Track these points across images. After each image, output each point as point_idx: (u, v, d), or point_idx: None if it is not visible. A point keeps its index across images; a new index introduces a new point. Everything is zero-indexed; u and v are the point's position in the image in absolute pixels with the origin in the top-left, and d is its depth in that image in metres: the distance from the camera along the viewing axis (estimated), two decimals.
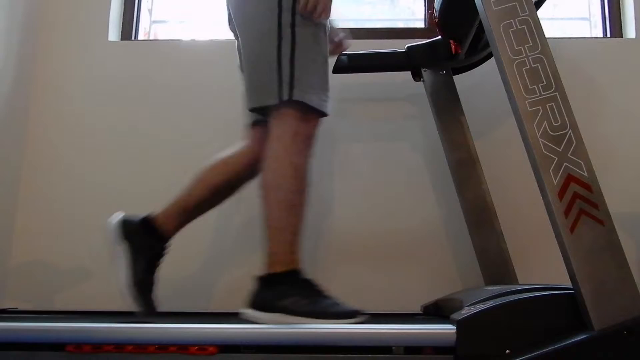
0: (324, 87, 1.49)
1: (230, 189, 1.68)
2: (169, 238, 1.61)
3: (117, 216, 1.58)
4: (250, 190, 2.16)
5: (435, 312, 1.72)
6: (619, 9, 2.39)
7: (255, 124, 1.65)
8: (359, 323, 1.35)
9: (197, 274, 2.16)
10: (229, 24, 1.67)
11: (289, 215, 1.43)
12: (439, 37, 2.01)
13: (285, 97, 1.43)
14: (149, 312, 1.51)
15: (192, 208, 1.63)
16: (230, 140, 1.75)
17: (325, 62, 1.52)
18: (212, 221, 2.20)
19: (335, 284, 2.14)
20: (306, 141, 1.47)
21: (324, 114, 1.49)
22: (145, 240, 1.56)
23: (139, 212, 2.18)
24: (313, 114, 1.47)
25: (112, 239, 1.55)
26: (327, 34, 1.55)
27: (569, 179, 1.24)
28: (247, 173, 1.65)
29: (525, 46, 1.32)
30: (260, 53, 1.49)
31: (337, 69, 2.01)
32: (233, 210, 2.21)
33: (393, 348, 1.22)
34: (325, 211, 2.18)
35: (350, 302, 1.44)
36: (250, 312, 1.40)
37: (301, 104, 1.44)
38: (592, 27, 2.49)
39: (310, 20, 1.47)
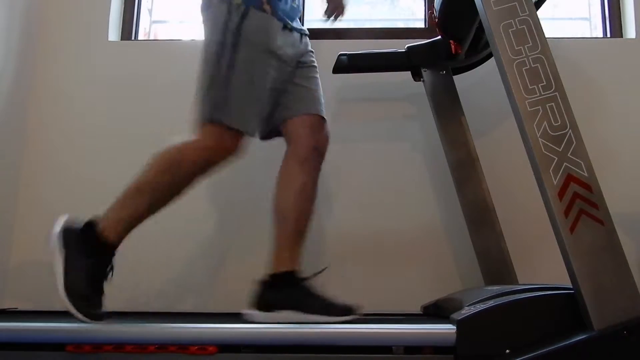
0: (251, 113, 1.51)
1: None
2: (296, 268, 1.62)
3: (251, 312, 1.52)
4: (250, 191, 2.17)
5: (435, 312, 1.72)
6: (619, 9, 2.39)
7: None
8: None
9: (197, 274, 2.16)
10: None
11: (144, 199, 1.49)
12: (439, 37, 2.01)
13: (209, 117, 1.48)
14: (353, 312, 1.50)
15: (296, 235, 1.65)
16: None
17: (261, 90, 1.53)
18: (212, 222, 2.20)
19: (335, 284, 2.14)
20: (206, 160, 1.50)
21: (245, 137, 1.52)
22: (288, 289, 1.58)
23: None
24: (235, 132, 1.50)
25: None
26: (283, 59, 1.57)
27: (569, 179, 1.24)
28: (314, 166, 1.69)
29: (525, 46, 1.32)
30: (203, 70, 1.55)
31: (337, 69, 2.02)
32: (232, 211, 2.21)
33: (393, 348, 1.22)
34: (325, 211, 2.18)
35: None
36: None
37: (219, 124, 1.48)
38: (592, 27, 2.49)
39: (254, 44, 1.50)
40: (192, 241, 2.19)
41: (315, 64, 1.73)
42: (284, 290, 1.49)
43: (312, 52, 1.74)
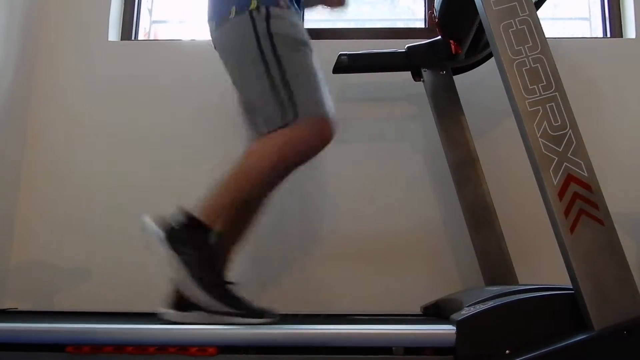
0: (321, 95, 1.50)
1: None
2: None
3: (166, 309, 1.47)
4: None
5: (435, 312, 1.72)
6: (619, 9, 2.39)
7: None
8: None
9: None
10: (217, 50, 1.66)
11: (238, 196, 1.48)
12: (439, 37, 2.01)
13: (291, 117, 1.45)
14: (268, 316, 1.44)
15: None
16: (229, 140, 1.75)
17: (316, 76, 1.51)
18: None
19: (335, 284, 2.15)
20: (303, 150, 1.49)
21: (330, 123, 1.50)
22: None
23: (139, 211, 2.19)
24: (319, 122, 1.48)
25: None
26: (311, 48, 1.56)
27: (569, 179, 1.24)
28: None
29: (525, 46, 1.32)
30: (250, 82, 1.52)
31: (337, 69, 2.02)
32: None
33: (393, 349, 1.22)
34: (325, 211, 2.18)
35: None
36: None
37: (307, 118, 1.46)
38: (592, 27, 2.49)
39: (287, 39, 1.49)
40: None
41: None
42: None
43: None
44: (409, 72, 2.09)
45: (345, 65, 2.02)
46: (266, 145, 1.48)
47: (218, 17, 1.58)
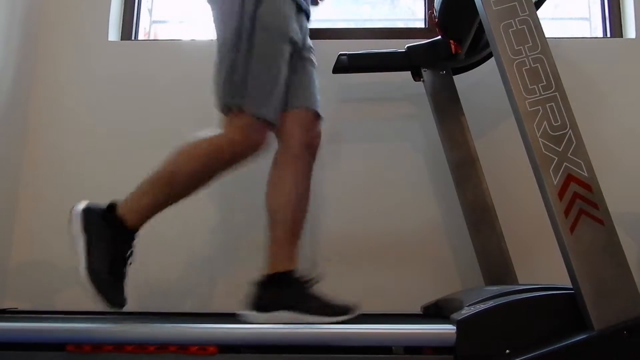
0: (273, 100, 1.49)
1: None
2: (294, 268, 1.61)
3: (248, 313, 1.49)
4: (251, 191, 2.17)
5: (435, 312, 1.72)
6: (619, 9, 2.39)
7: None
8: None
9: (197, 275, 2.16)
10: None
11: (166, 188, 1.49)
12: (439, 37, 2.01)
13: (231, 103, 1.47)
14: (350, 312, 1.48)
15: (292, 235, 1.63)
16: None
17: (278, 76, 1.51)
18: (212, 222, 2.20)
19: (335, 284, 2.14)
20: (236, 152, 1.49)
21: (271, 124, 1.50)
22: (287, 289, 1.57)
23: None
24: (261, 123, 1.48)
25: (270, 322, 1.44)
26: (293, 47, 1.55)
27: (569, 178, 1.24)
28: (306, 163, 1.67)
29: (525, 46, 1.32)
30: (220, 56, 1.52)
31: (337, 69, 2.02)
32: (232, 211, 2.21)
33: (393, 348, 1.22)
34: (325, 211, 2.18)
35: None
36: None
37: (249, 114, 1.46)
38: (592, 27, 2.49)
39: (270, 27, 1.48)
40: (193, 242, 2.19)
41: (314, 58, 1.71)
42: (280, 290, 1.48)
43: (311, 45, 1.72)
44: (409, 72, 2.09)
45: (345, 65, 2.02)
46: (195, 148, 1.49)
47: None
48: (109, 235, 1.43)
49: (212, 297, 2.14)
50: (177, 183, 1.47)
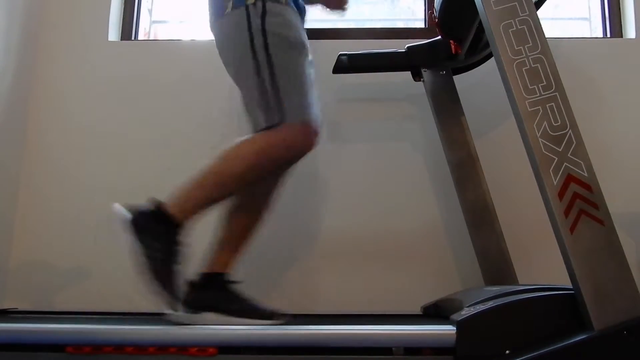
0: (309, 100, 1.48)
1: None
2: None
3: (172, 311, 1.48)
4: None
5: (435, 312, 1.72)
6: (619, 9, 2.39)
7: None
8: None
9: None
10: (217, 46, 1.65)
11: (218, 187, 1.47)
12: (439, 37, 2.01)
13: (276, 121, 1.44)
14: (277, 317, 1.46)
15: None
16: (231, 140, 1.74)
17: (306, 80, 1.49)
18: (212, 222, 2.20)
19: (335, 285, 2.15)
20: (284, 155, 1.47)
21: (315, 130, 1.48)
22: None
23: None
24: (304, 127, 1.46)
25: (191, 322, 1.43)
26: (306, 49, 1.53)
27: (569, 179, 1.24)
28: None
29: (525, 46, 1.32)
30: (243, 78, 1.51)
31: (337, 69, 2.02)
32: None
33: (393, 349, 1.22)
34: (325, 211, 2.18)
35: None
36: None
37: (292, 123, 1.44)
38: (592, 27, 2.49)
39: (281, 38, 1.47)
40: (193, 242, 2.19)
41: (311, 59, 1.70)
42: (209, 291, 1.47)
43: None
44: (409, 72, 2.09)
45: (345, 65, 2.02)
46: (244, 147, 1.46)
47: (215, 12, 1.56)
48: (163, 231, 1.40)
49: None
50: (227, 182, 1.46)
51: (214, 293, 1.47)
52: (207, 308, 1.41)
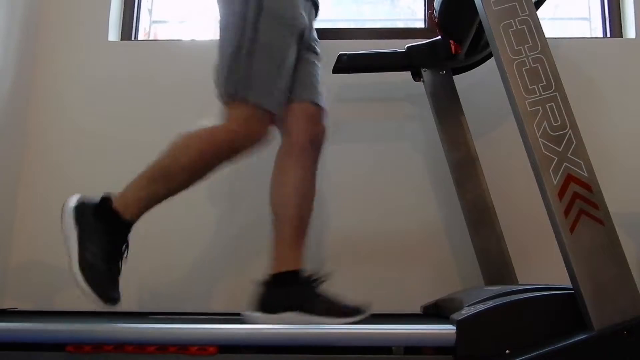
0: (277, 88, 1.46)
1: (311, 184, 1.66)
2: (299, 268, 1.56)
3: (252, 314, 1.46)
4: (253, 190, 2.17)
5: (435, 312, 1.72)
6: (619, 9, 2.39)
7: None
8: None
9: (197, 275, 2.16)
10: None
11: (162, 181, 1.45)
12: (439, 37, 2.01)
13: (234, 93, 1.43)
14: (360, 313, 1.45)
15: (297, 235, 1.58)
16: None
17: (286, 61, 1.48)
18: (212, 222, 2.20)
19: (335, 285, 2.14)
20: (236, 142, 1.46)
21: (273, 115, 1.47)
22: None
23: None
24: (263, 113, 1.45)
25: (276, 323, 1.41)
26: (299, 36, 1.51)
27: (569, 179, 1.24)
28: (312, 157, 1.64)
29: (525, 46, 1.32)
30: (223, 43, 1.49)
31: (337, 69, 2.02)
32: (232, 212, 2.21)
33: (393, 348, 1.22)
34: (324, 211, 2.18)
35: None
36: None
37: (252, 104, 1.43)
38: (592, 27, 2.49)
39: (276, 14, 1.45)
40: (193, 242, 2.19)
41: (318, 51, 1.68)
42: (286, 290, 1.43)
43: (316, 37, 1.69)
44: (409, 72, 2.09)
45: (345, 65, 2.02)
46: (193, 139, 1.45)
47: None
48: (103, 228, 1.38)
49: (213, 297, 2.14)
50: (174, 175, 1.43)
51: (292, 292, 1.43)
52: (288, 308, 1.38)
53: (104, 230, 1.38)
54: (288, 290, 1.43)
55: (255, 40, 1.43)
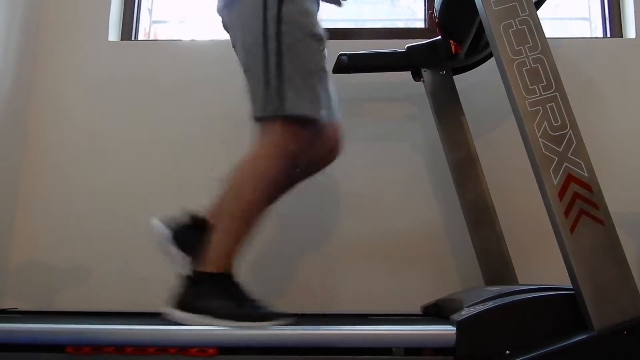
0: (318, 96, 1.44)
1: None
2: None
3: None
4: None
5: (435, 312, 1.72)
6: (619, 9, 2.39)
7: None
8: (281, 325, 1.32)
9: None
10: (224, 28, 1.64)
11: (239, 223, 1.41)
12: (439, 37, 2.01)
13: (271, 112, 1.40)
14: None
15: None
16: (231, 140, 1.74)
17: (318, 68, 1.47)
18: None
19: (335, 285, 2.15)
20: (287, 155, 1.42)
21: (316, 122, 1.45)
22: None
23: (139, 212, 2.18)
24: (303, 124, 1.43)
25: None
26: (323, 41, 1.50)
27: (569, 179, 1.24)
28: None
29: (525, 46, 1.32)
30: (250, 65, 1.47)
31: (337, 69, 2.01)
32: None
33: (393, 349, 1.22)
34: (324, 211, 2.18)
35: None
36: (172, 311, 1.37)
37: (289, 117, 1.41)
38: (592, 27, 2.48)
39: (297, 25, 1.44)
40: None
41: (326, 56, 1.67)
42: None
43: None
44: (409, 72, 2.09)
45: (345, 65, 2.02)
46: (245, 174, 1.42)
47: None
48: (219, 293, 1.36)
49: None
50: (248, 213, 1.40)
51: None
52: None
53: (221, 294, 1.37)
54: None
55: (280, 55, 1.41)
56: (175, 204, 1.54)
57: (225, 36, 1.63)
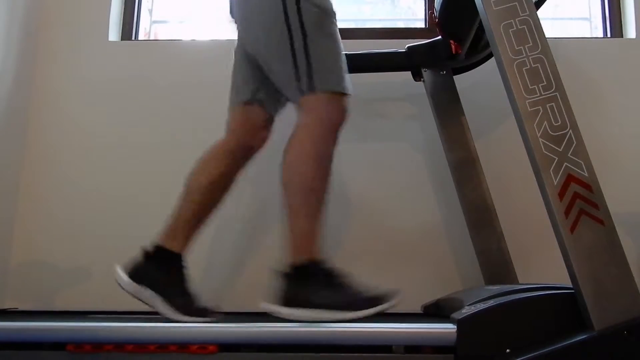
0: (341, 68, 1.51)
1: (225, 184, 1.64)
2: (183, 253, 1.56)
3: (121, 272, 1.50)
4: (251, 189, 2.17)
5: (435, 311, 1.72)
6: (619, 9, 2.39)
7: (247, 102, 1.63)
8: (391, 305, 1.38)
9: (197, 274, 2.15)
10: (230, 12, 1.65)
11: (317, 205, 1.43)
12: (439, 37, 2.01)
13: (306, 89, 1.45)
14: (210, 315, 1.45)
15: (194, 217, 1.58)
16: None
17: (338, 48, 1.52)
18: (213, 221, 2.20)
19: None
20: (331, 128, 1.48)
21: (347, 95, 1.51)
22: (162, 270, 1.52)
23: (139, 211, 2.18)
24: (337, 98, 1.49)
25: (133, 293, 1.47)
26: (336, 15, 1.54)
27: (569, 179, 1.24)
28: (236, 161, 1.63)
29: (526, 46, 1.32)
30: (272, 46, 1.49)
31: None
32: (234, 210, 2.21)
33: (393, 347, 1.22)
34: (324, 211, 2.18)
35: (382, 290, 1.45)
36: (280, 309, 1.37)
37: (324, 92, 1.46)
38: (593, 27, 2.49)
39: (316, 5, 1.47)
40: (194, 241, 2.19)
41: None
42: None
43: None
44: (409, 72, 2.09)
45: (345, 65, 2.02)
46: (298, 153, 1.44)
47: None
48: (325, 281, 1.39)
49: (213, 296, 2.14)
50: (314, 190, 1.43)
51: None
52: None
53: (328, 283, 1.39)
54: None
55: (305, 33, 1.45)
56: (175, 204, 1.54)
57: (226, 36, 1.64)
